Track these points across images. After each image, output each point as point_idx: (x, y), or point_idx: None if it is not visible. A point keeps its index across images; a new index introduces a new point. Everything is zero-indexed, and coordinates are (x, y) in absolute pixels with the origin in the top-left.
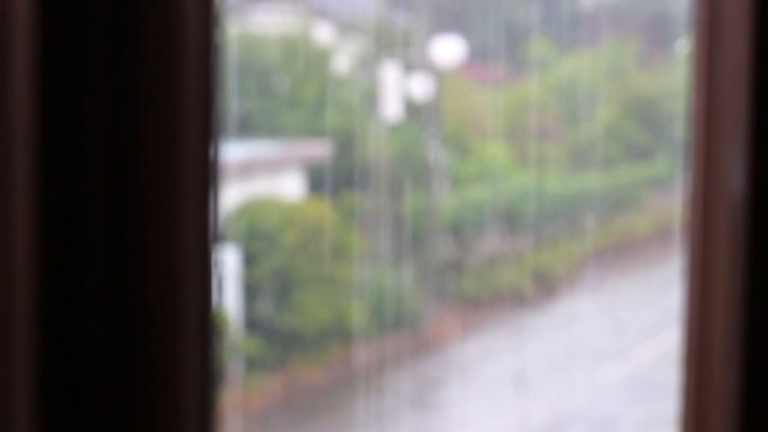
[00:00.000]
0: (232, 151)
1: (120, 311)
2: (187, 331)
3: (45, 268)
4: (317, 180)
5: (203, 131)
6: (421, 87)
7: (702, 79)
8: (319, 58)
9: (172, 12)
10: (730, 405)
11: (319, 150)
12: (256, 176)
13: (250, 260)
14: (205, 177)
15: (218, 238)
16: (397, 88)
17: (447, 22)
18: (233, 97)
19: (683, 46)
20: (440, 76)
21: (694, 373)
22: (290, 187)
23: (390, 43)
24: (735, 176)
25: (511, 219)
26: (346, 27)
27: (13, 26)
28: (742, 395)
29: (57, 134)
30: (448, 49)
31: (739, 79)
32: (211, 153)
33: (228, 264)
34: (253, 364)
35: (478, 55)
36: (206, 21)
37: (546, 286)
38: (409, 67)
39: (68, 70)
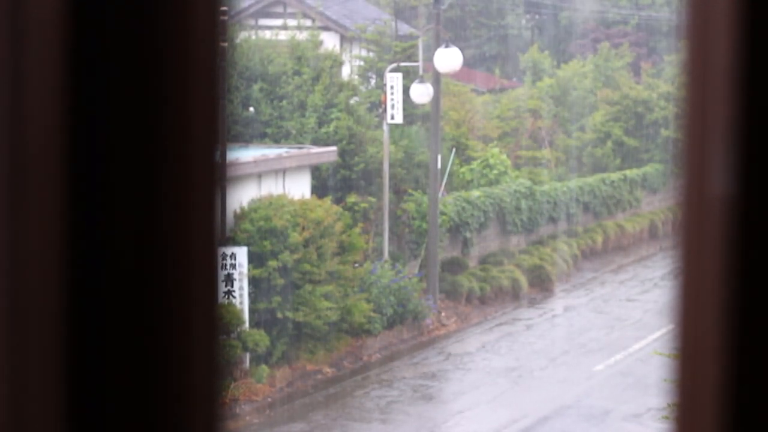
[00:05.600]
0: (244, 155)
1: (132, 305)
2: (195, 324)
3: (68, 265)
4: (324, 182)
5: (210, 134)
6: (422, 93)
7: (692, 83)
8: (326, 66)
9: (181, 20)
10: (722, 397)
11: (327, 155)
12: (267, 179)
13: (259, 257)
14: (211, 178)
15: (225, 236)
16: (399, 95)
17: (448, 32)
18: (242, 102)
19: (674, 54)
20: (441, 83)
21: (686, 367)
22: (299, 188)
23: (394, 51)
24: (724, 177)
25: (508, 219)
26: (352, 37)
27: (37, 33)
28: (734, 388)
29: (76, 137)
30: (448, 58)
31: (728, 84)
32: (218, 155)
33: (239, 260)
34: (262, 357)
35: (477, 64)
36: (214, 29)
37: (542, 283)
38: (411, 75)
39: (85, 77)
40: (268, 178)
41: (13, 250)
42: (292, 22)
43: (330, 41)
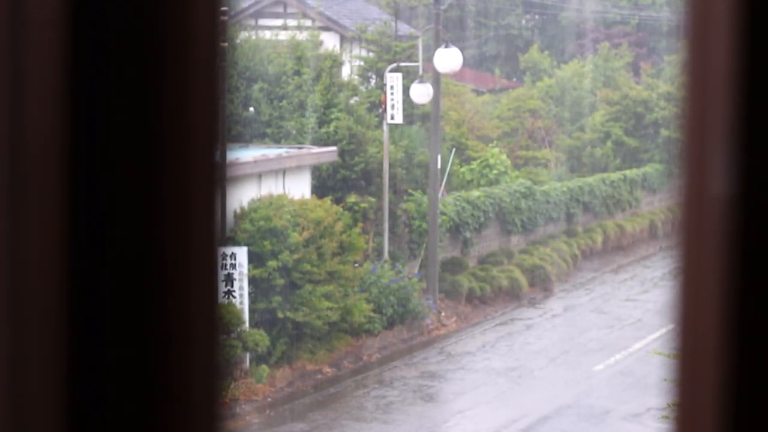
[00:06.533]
0: (244, 155)
1: (132, 305)
2: (195, 324)
3: (68, 266)
4: (324, 182)
5: (210, 134)
6: (422, 93)
7: (692, 83)
8: (326, 66)
9: (181, 20)
10: (722, 397)
11: (327, 155)
12: (267, 179)
13: (259, 257)
14: (211, 178)
15: (225, 236)
16: (399, 95)
17: (448, 32)
18: (242, 102)
19: (674, 54)
20: (441, 83)
21: (686, 367)
22: (299, 188)
23: (393, 51)
24: (724, 177)
25: (508, 219)
26: (352, 37)
27: (37, 33)
28: (734, 388)
29: (76, 137)
30: (448, 58)
31: (728, 84)
32: (218, 155)
33: (239, 260)
34: (262, 357)
35: (477, 64)
36: (214, 29)
37: (541, 283)
38: (411, 75)
39: (85, 77)
40: (268, 178)
41: (13, 251)
42: (292, 22)
43: (330, 41)
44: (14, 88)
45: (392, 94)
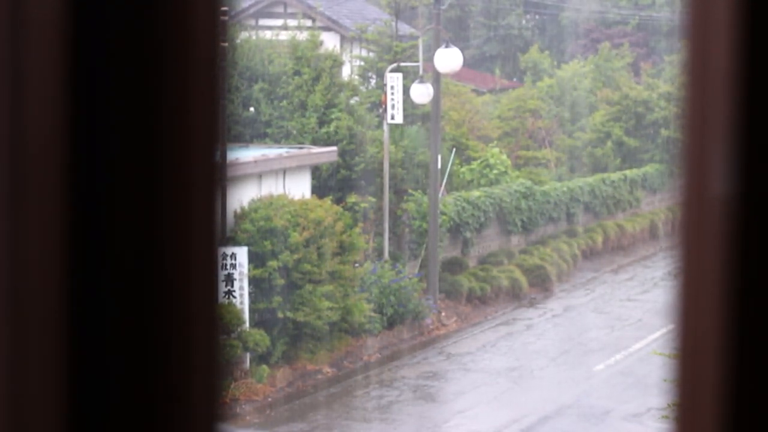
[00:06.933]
0: (244, 155)
1: (132, 305)
2: (195, 324)
3: (68, 266)
4: (324, 182)
5: (210, 134)
6: (422, 93)
7: (692, 83)
8: (327, 66)
9: (181, 20)
10: (722, 397)
11: (327, 155)
12: (267, 179)
13: (260, 257)
14: (211, 178)
15: (225, 236)
16: (400, 95)
17: (448, 32)
18: (242, 102)
19: (674, 54)
20: (441, 83)
21: (686, 367)
22: (299, 188)
23: (394, 52)
24: (724, 177)
25: (508, 219)
26: (352, 37)
27: (37, 33)
28: (734, 388)
29: (77, 137)
30: (448, 58)
31: (728, 84)
32: (218, 155)
33: (239, 260)
34: (262, 357)
35: (477, 64)
36: (214, 29)
37: (542, 283)
38: (411, 75)
39: (85, 77)
40: (268, 178)
41: (13, 251)
42: (292, 23)
43: (330, 41)
44: (14, 88)
45: (392, 94)
